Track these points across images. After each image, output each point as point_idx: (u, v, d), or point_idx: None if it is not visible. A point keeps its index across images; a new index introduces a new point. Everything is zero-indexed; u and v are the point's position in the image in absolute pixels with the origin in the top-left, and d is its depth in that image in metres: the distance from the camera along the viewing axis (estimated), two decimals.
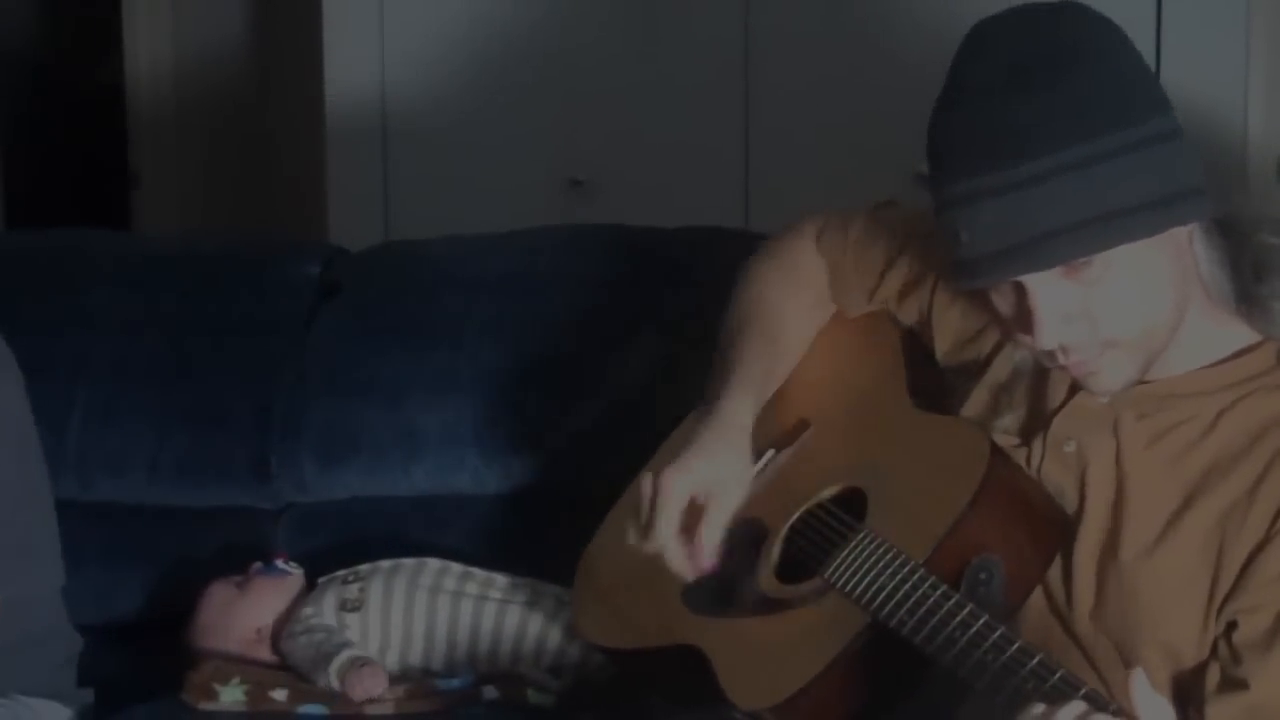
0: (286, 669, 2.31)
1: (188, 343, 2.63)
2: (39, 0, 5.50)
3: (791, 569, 1.88)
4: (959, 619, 1.66)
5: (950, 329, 1.94)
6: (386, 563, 2.37)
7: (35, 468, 2.18)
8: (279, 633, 2.34)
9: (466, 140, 3.69)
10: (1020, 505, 1.77)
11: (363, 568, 2.37)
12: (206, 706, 2.24)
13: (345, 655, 2.24)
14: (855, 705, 1.74)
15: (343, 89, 3.71)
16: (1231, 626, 1.69)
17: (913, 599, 1.70)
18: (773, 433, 1.99)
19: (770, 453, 1.98)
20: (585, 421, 2.51)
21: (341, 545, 2.52)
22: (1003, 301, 1.72)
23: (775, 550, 1.90)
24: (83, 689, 2.29)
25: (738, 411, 1.94)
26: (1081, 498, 1.77)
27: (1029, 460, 1.80)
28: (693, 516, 1.88)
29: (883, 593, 1.72)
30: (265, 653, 2.35)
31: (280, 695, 2.24)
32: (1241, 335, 1.76)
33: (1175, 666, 1.71)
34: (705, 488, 1.87)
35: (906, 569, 1.72)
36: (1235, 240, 1.76)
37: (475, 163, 3.68)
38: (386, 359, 2.58)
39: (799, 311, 2.05)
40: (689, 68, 3.62)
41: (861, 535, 1.80)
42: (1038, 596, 1.78)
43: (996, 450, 1.79)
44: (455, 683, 2.25)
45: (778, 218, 2.21)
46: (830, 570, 1.79)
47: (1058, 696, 1.55)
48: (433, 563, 2.36)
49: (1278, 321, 1.75)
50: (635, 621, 2.01)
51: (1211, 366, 1.75)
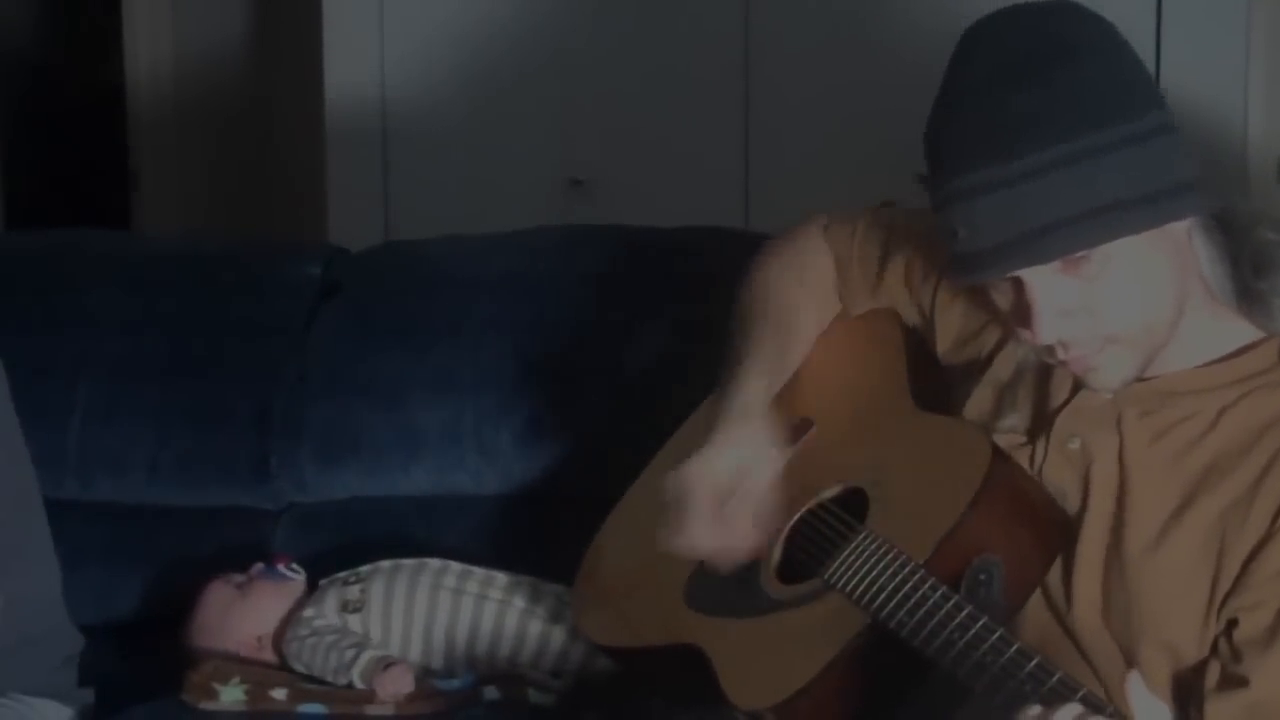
0: (287, 669, 2.31)
1: (188, 343, 2.62)
2: (39, 0, 5.50)
3: (792, 569, 1.88)
4: (958, 620, 1.66)
5: (951, 327, 1.94)
6: (387, 563, 2.36)
7: (24, 468, 2.17)
8: (280, 635, 2.34)
9: (466, 140, 3.69)
10: (1021, 506, 1.77)
11: (363, 569, 2.37)
12: (206, 706, 2.24)
13: (368, 656, 2.23)
14: (855, 706, 1.74)
15: (343, 89, 3.72)
16: (1232, 624, 1.69)
17: (912, 600, 1.70)
18: (774, 433, 1.99)
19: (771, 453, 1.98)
20: (585, 421, 2.51)
21: (342, 545, 2.52)
22: (1002, 297, 1.72)
23: (776, 550, 1.90)
24: (83, 689, 2.28)
25: (754, 394, 1.93)
26: (1085, 496, 1.77)
27: (1032, 458, 1.80)
28: (719, 505, 1.87)
29: (883, 593, 1.73)
30: (266, 655, 2.35)
31: (280, 695, 2.24)
32: (1243, 332, 1.76)
33: (1176, 664, 1.71)
34: (729, 477, 1.87)
35: (907, 570, 1.72)
36: (1235, 236, 1.76)
37: (475, 163, 3.68)
38: (386, 359, 2.58)
39: (808, 304, 2.05)
40: (689, 68, 3.62)
41: (862, 536, 1.80)
42: (1036, 597, 1.78)
43: (997, 451, 1.79)
44: (456, 683, 2.25)
45: (778, 218, 2.21)
46: (830, 571, 1.79)
47: (1055, 699, 1.55)
48: (433, 562, 2.36)
49: (1278, 317, 1.75)
50: (636, 621, 2.01)
51: (1214, 363, 1.75)
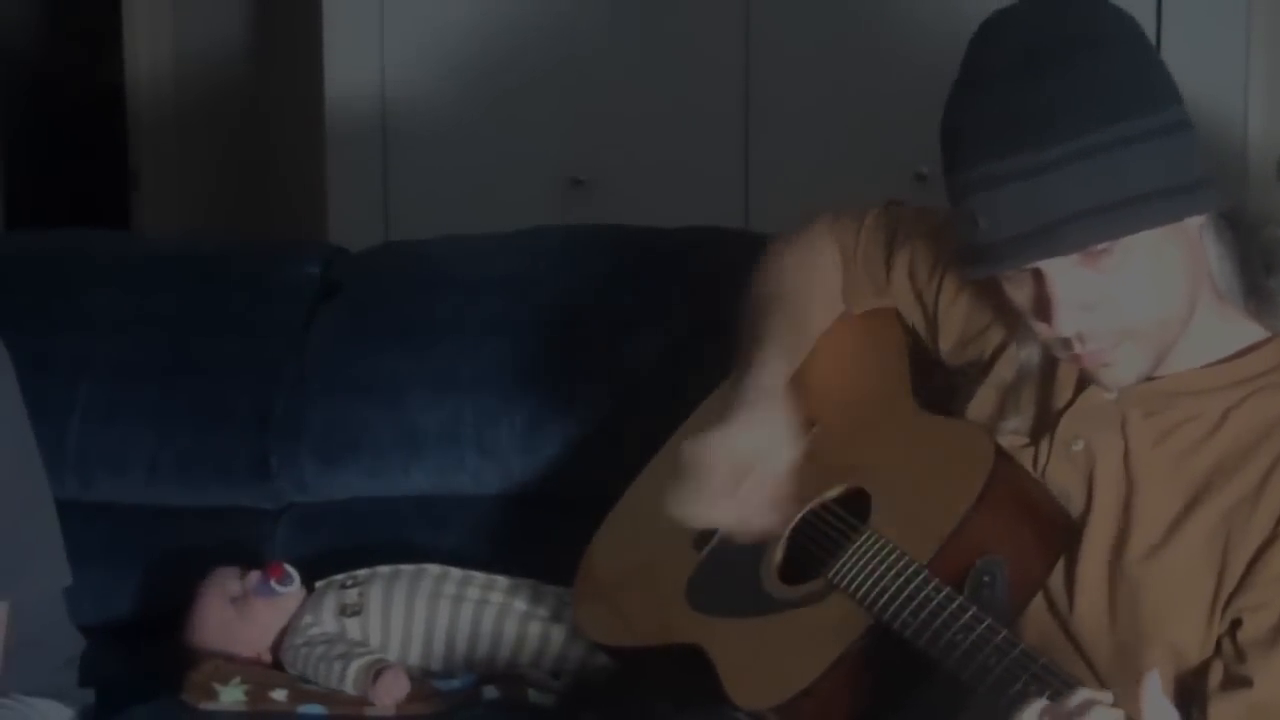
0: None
1: (188, 343, 2.62)
2: (39, 1, 5.49)
3: (795, 569, 1.88)
4: (962, 621, 1.66)
5: (954, 326, 1.94)
6: (385, 568, 2.35)
7: (35, 468, 2.17)
8: (280, 642, 2.34)
9: (466, 140, 3.69)
10: (1025, 507, 1.77)
11: (360, 572, 2.36)
12: (206, 706, 2.24)
13: (356, 666, 2.22)
14: (857, 706, 1.74)
15: (343, 89, 3.71)
16: (1236, 624, 1.69)
17: (916, 600, 1.70)
18: (792, 417, 1.98)
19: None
20: (585, 421, 2.50)
21: (341, 545, 2.52)
22: (1018, 291, 1.71)
23: (779, 550, 1.90)
24: (83, 689, 2.28)
25: (771, 377, 1.92)
26: (1089, 497, 1.77)
27: (1036, 460, 1.80)
28: (736, 481, 1.85)
29: (886, 594, 1.72)
30: (268, 660, 2.35)
31: (280, 695, 2.24)
32: (1249, 332, 1.76)
33: (1179, 665, 1.71)
34: (747, 455, 1.85)
35: (910, 570, 1.72)
36: (1244, 234, 1.76)
37: (475, 163, 3.68)
38: (386, 359, 2.58)
39: (818, 297, 2.04)
40: (689, 68, 3.62)
41: (865, 536, 1.80)
42: (1038, 599, 1.78)
43: (1001, 452, 1.79)
44: (455, 683, 2.25)
45: (778, 218, 2.21)
46: (834, 571, 1.79)
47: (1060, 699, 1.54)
48: (432, 568, 2.35)
49: None
50: (637, 620, 2.01)
51: (1219, 364, 1.75)
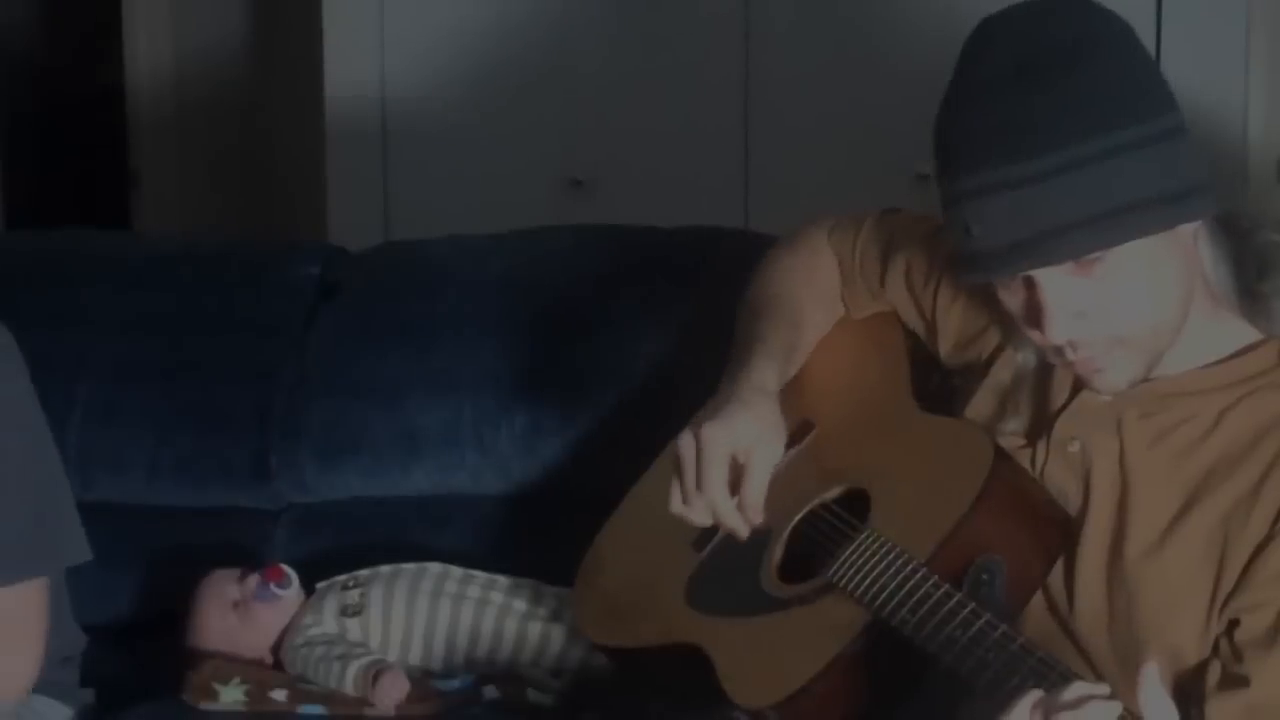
0: None
1: (188, 343, 2.62)
2: (39, 0, 5.49)
3: (795, 569, 1.88)
4: (961, 617, 1.66)
5: (952, 329, 1.94)
6: (386, 568, 2.35)
7: (51, 447, 2.20)
8: (281, 643, 2.34)
9: (466, 140, 3.69)
10: (1023, 506, 1.77)
11: (362, 573, 2.36)
12: (206, 706, 2.24)
13: (355, 668, 2.22)
14: (856, 704, 1.75)
15: (343, 89, 3.71)
16: (1233, 624, 1.69)
17: (915, 598, 1.70)
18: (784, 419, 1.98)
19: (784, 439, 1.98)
20: (585, 421, 2.50)
21: (341, 546, 2.52)
22: (1011, 297, 1.72)
23: (778, 549, 1.90)
24: (83, 689, 2.28)
25: (765, 379, 1.93)
26: (1085, 498, 1.77)
27: (1033, 461, 1.80)
28: (733, 474, 1.86)
29: (885, 592, 1.73)
30: (269, 661, 2.35)
31: (280, 695, 2.24)
32: (1244, 333, 1.76)
33: (1177, 666, 1.71)
34: (746, 443, 1.85)
35: (909, 569, 1.72)
36: (1238, 238, 1.76)
37: (475, 163, 3.68)
38: (386, 359, 2.58)
39: (815, 303, 2.05)
40: (689, 68, 3.62)
41: (865, 535, 1.80)
42: (1037, 598, 1.78)
43: (1000, 452, 1.79)
44: (455, 683, 2.25)
45: (778, 218, 2.21)
46: (833, 569, 1.79)
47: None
48: (433, 567, 2.35)
49: (1279, 320, 1.75)
50: (638, 620, 2.01)
51: (1214, 365, 1.75)
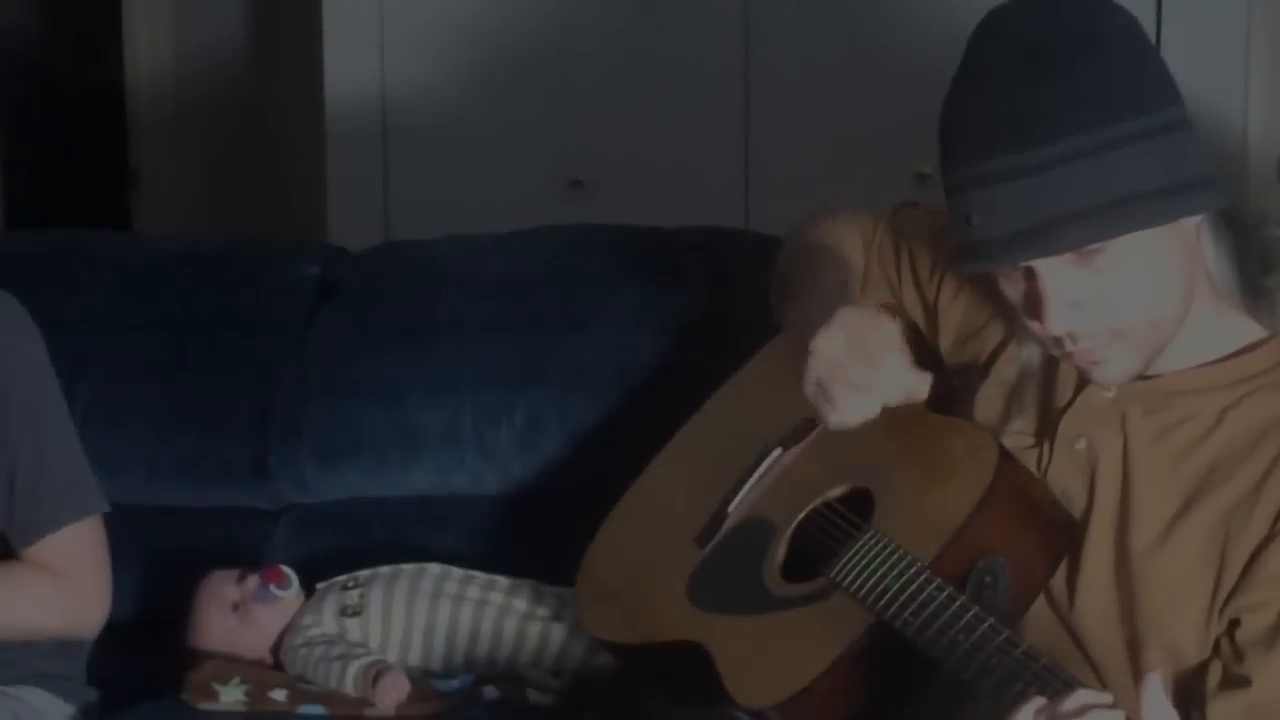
0: None
1: (188, 343, 2.62)
2: (39, 1, 5.49)
3: (797, 568, 1.88)
4: (964, 621, 1.66)
5: (953, 324, 1.94)
6: (386, 569, 2.35)
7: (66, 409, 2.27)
8: (280, 643, 2.34)
9: (466, 140, 3.69)
10: (1027, 508, 1.77)
11: (361, 573, 2.36)
12: (206, 706, 2.24)
13: (355, 668, 2.22)
14: (858, 705, 1.74)
15: (343, 89, 3.71)
16: (1234, 624, 1.69)
17: (918, 600, 1.70)
18: (781, 431, 1.99)
19: (777, 451, 1.98)
20: (585, 421, 2.50)
21: (341, 546, 2.52)
22: (1012, 288, 1.71)
23: (781, 548, 1.90)
24: (87, 686, 2.28)
25: (837, 302, 1.88)
26: (1091, 495, 1.77)
27: (1039, 460, 1.80)
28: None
29: (888, 593, 1.72)
30: (269, 661, 2.35)
31: (280, 695, 2.24)
32: (1247, 330, 1.76)
33: (1178, 665, 1.71)
34: (862, 326, 1.82)
35: (912, 570, 1.72)
36: (1242, 233, 1.76)
37: (475, 163, 3.67)
38: (386, 359, 2.58)
39: (854, 261, 2.03)
40: (689, 68, 3.62)
41: (868, 535, 1.80)
42: (1040, 598, 1.78)
43: (1004, 453, 1.79)
44: (455, 683, 2.25)
45: (778, 218, 2.21)
46: (836, 570, 1.79)
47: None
48: (433, 568, 2.35)
49: None
50: (639, 618, 2.01)
51: (1217, 362, 1.75)
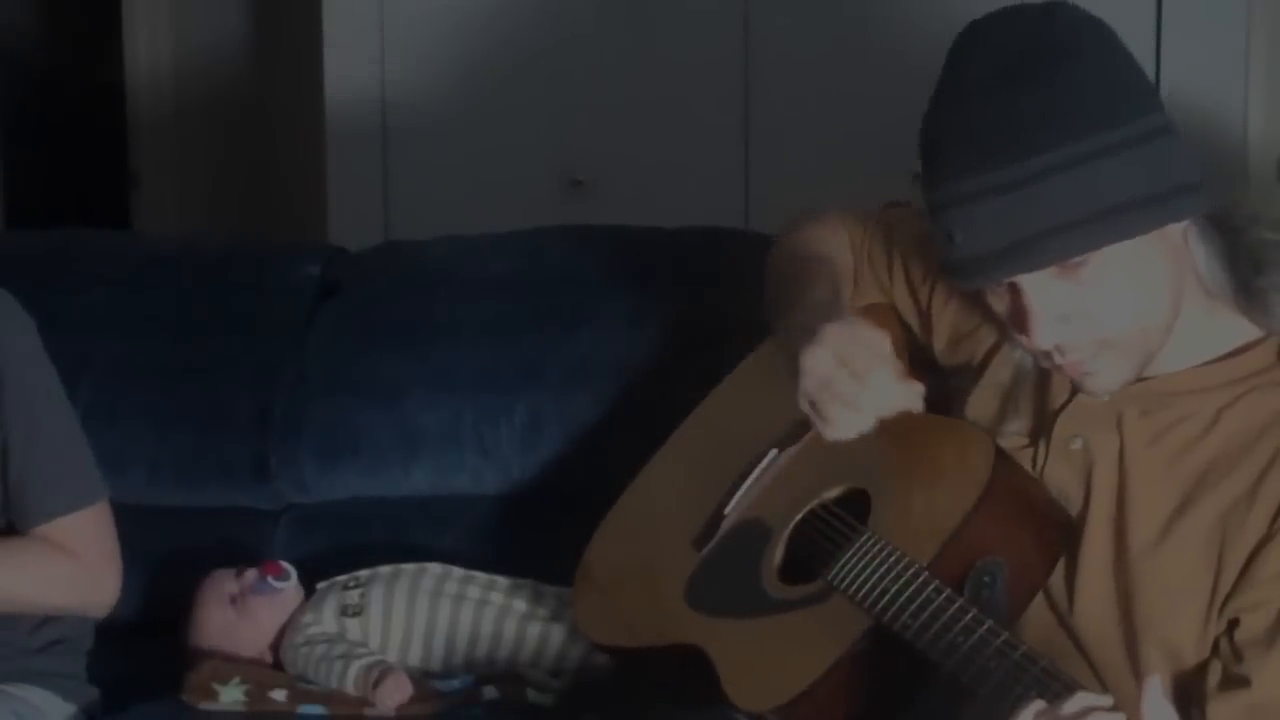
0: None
1: (188, 343, 2.63)
2: (39, 1, 5.49)
3: (795, 570, 1.88)
4: (963, 624, 1.66)
5: (946, 326, 1.94)
6: (386, 568, 2.36)
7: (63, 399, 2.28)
8: (280, 641, 2.34)
9: (466, 140, 3.69)
10: (1025, 509, 1.77)
11: (362, 573, 2.36)
12: (206, 706, 2.24)
13: (357, 668, 2.22)
14: (857, 708, 1.74)
15: (343, 89, 3.71)
16: (1233, 624, 1.69)
17: (916, 602, 1.70)
18: (777, 432, 1.99)
19: (773, 452, 1.98)
20: (585, 421, 2.50)
21: (341, 546, 2.52)
22: (998, 302, 1.72)
23: (778, 551, 1.90)
24: (88, 685, 2.28)
25: (828, 310, 1.86)
26: (1087, 496, 1.77)
27: (1035, 461, 1.80)
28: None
29: (886, 596, 1.72)
30: (269, 660, 2.35)
31: (280, 695, 2.24)
32: (1242, 330, 1.76)
33: (1176, 666, 1.72)
34: (855, 335, 1.79)
35: (910, 572, 1.72)
36: (1232, 235, 1.76)
37: (475, 163, 3.67)
38: (386, 359, 2.58)
39: (843, 264, 2.03)
40: (689, 68, 3.62)
41: (865, 537, 1.80)
42: (1038, 598, 1.78)
43: (1001, 453, 1.79)
44: (455, 683, 2.25)
45: (778, 218, 2.21)
46: (833, 572, 1.79)
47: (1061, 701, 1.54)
48: (433, 567, 2.35)
49: (1277, 315, 1.75)
50: (637, 621, 2.01)
51: (1212, 363, 1.75)
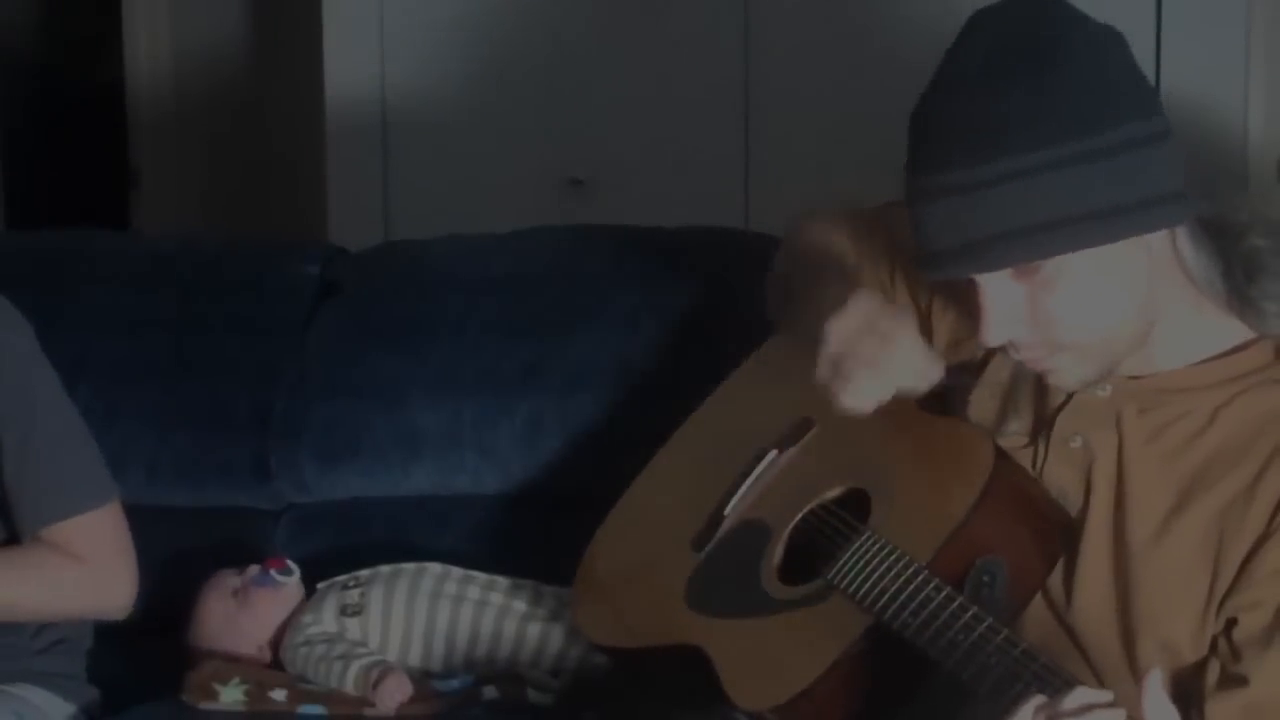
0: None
1: (188, 343, 2.62)
2: (39, 1, 5.49)
3: (795, 569, 1.88)
4: (963, 621, 1.66)
5: (947, 327, 1.94)
6: (386, 568, 2.35)
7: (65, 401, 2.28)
8: (280, 640, 2.34)
9: (466, 140, 3.69)
10: (1024, 508, 1.77)
11: (362, 573, 2.36)
12: (206, 706, 2.24)
13: (357, 668, 2.22)
14: (857, 707, 1.74)
15: (343, 89, 3.71)
16: (1231, 623, 1.70)
17: (916, 601, 1.70)
18: (776, 432, 1.99)
19: (773, 453, 1.98)
20: (585, 421, 2.50)
21: (341, 546, 2.52)
22: (967, 296, 1.72)
23: (778, 550, 1.90)
24: (89, 686, 2.29)
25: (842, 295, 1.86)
26: (1086, 494, 1.77)
27: (1034, 459, 1.80)
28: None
29: (886, 594, 1.72)
30: (268, 658, 2.35)
31: (280, 695, 2.24)
32: (1238, 329, 1.76)
33: (1174, 664, 1.71)
34: (875, 310, 1.80)
35: (910, 571, 1.72)
36: (1225, 241, 1.76)
37: (475, 163, 3.68)
38: (386, 359, 2.58)
39: (848, 261, 2.02)
40: (689, 68, 3.62)
41: (865, 536, 1.80)
42: (1037, 598, 1.78)
43: (1001, 453, 1.80)
44: (455, 683, 2.25)
45: (778, 218, 2.21)
46: (833, 571, 1.79)
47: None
48: (433, 567, 2.35)
49: (1271, 321, 1.74)
50: (637, 621, 2.01)
51: (1209, 361, 1.75)
